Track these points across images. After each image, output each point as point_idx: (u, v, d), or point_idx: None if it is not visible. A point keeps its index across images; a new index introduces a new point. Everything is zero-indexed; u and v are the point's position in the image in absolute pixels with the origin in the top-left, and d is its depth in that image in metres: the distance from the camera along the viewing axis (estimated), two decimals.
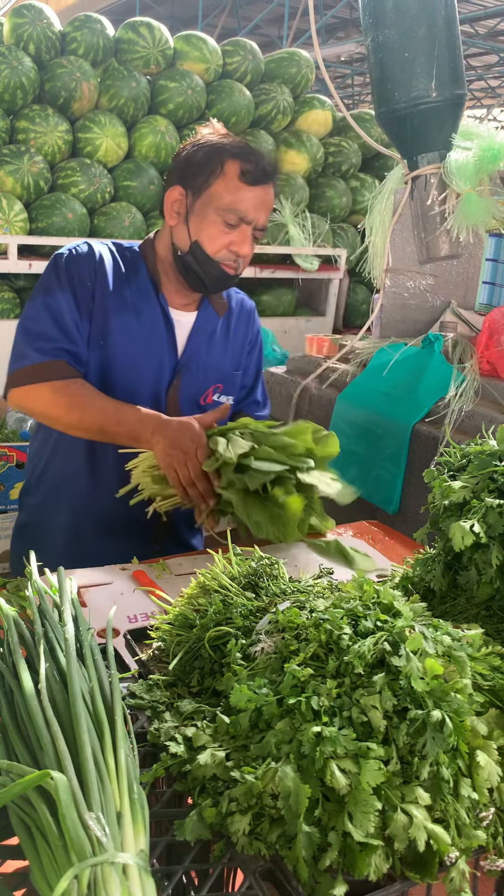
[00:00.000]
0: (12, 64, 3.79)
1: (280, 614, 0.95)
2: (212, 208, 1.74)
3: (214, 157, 1.74)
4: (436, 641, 0.86)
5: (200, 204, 1.75)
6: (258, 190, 1.74)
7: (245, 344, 2.04)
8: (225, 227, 1.75)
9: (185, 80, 4.19)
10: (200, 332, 1.91)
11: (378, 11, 2.26)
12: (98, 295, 1.79)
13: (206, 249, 1.76)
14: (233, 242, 1.76)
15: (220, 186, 1.73)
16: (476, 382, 2.48)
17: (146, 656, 1.09)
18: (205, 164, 1.74)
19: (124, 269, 1.85)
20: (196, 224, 1.76)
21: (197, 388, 1.92)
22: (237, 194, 1.73)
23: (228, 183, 1.73)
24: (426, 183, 2.38)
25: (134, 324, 1.82)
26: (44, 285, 1.80)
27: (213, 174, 1.74)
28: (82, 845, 0.68)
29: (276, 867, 0.75)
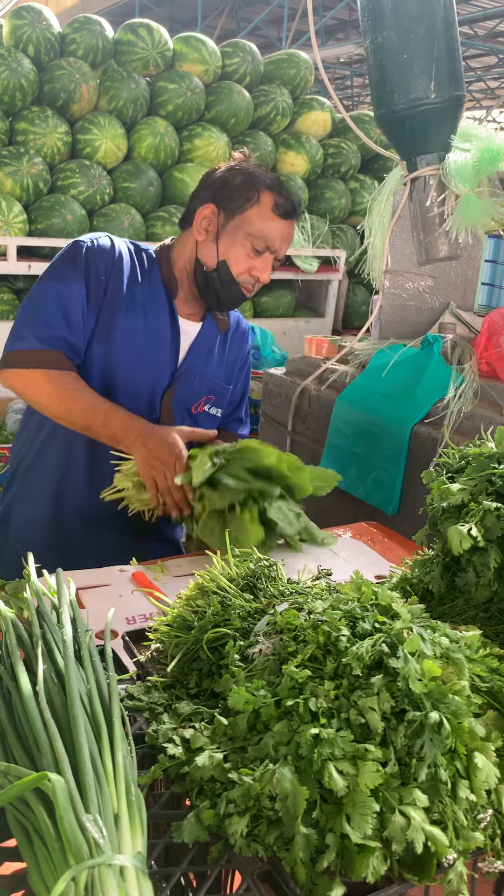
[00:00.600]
0: (11, 66, 3.79)
1: (278, 616, 0.95)
2: (242, 232, 1.82)
3: (252, 185, 1.82)
4: (434, 643, 0.86)
5: (232, 226, 1.82)
6: (286, 223, 1.85)
7: (238, 361, 2.10)
8: (252, 252, 1.83)
9: (185, 82, 4.20)
10: (203, 343, 1.96)
11: (377, 13, 2.26)
12: (111, 290, 1.82)
13: (231, 270, 1.84)
14: (255, 268, 1.85)
15: (254, 214, 1.82)
16: (475, 384, 2.48)
17: (144, 658, 1.09)
18: (241, 189, 1.82)
19: (139, 271, 1.88)
20: (225, 245, 1.83)
21: (191, 396, 1.96)
22: (268, 224, 1.82)
23: (262, 212, 1.82)
24: (425, 184, 2.38)
25: (141, 324, 1.85)
26: (58, 271, 1.81)
27: (248, 201, 1.81)
28: (80, 847, 0.68)
29: (274, 869, 0.75)
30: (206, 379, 1.98)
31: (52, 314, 1.77)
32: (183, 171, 4.21)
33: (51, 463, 1.91)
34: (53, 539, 1.90)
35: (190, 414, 1.96)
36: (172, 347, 1.90)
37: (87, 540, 1.87)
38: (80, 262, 1.80)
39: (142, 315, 1.85)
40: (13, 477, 2.02)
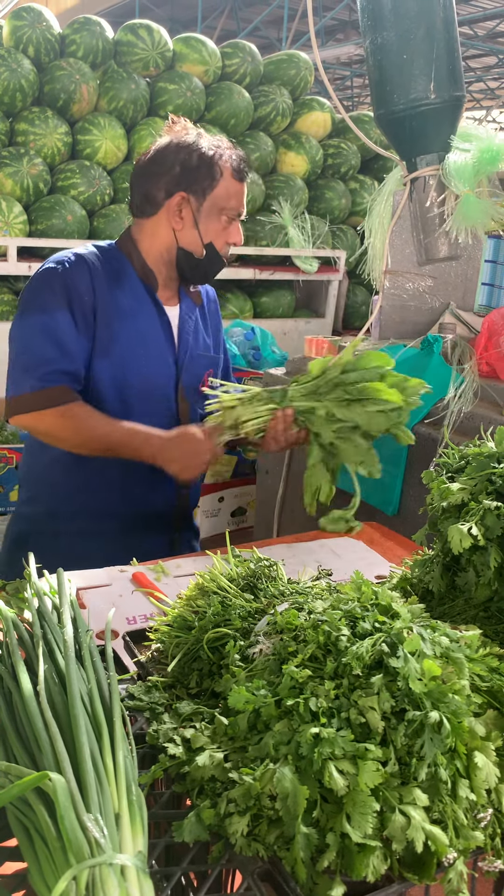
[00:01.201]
0: (11, 66, 3.79)
1: (278, 616, 0.95)
2: (216, 209, 1.84)
3: (211, 161, 1.81)
4: (434, 643, 0.86)
5: (207, 207, 1.83)
6: (244, 184, 1.88)
7: (219, 328, 2.15)
8: (227, 223, 1.87)
9: (185, 82, 4.20)
10: (186, 324, 1.98)
11: (376, 13, 2.26)
12: (99, 306, 1.80)
13: (216, 245, 1.87)
14: (231, 235, 1.88)
15: (222, 188, 1.83)
16: (475, 384, 2.48)
17: (145, 658, 1.10)
18: (202, 168, 1.81)
19: (114, 273, 1.86)
20: (205, 226, 1.85)
21: (195, 376, 1.99)
22: (232, 192, 1.84)
23: (227, 183, 1.83)
24: (425, 185, 2.38)
25: (134, 327, 1.85)
26: (38, 302, 1.78)
27: (213, 179, 1.82)
28: (80, 847, 0.68)
29: (275, 868, 0.75)
30: (201, 356, 2.02)
31: (45, 349, 1.75)
32: None
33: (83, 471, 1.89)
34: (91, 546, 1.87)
35: (197, 393, 1.99)
36: (167, 337, 1.93)
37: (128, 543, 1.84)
38: (58, 288, 1.77)
39: (132, 317, 1.85)
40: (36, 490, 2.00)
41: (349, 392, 1.73)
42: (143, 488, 1.90)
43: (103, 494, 1.90)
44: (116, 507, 1.91)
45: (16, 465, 3.32)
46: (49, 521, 1.95)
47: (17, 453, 3.30)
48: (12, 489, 3.34)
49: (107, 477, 1.87)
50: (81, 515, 1.91)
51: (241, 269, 4.31)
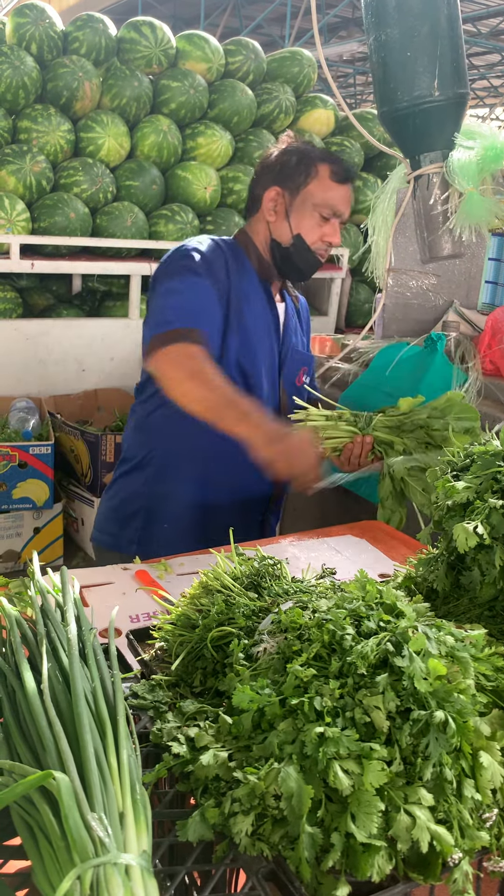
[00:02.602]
0: (14, 64, 3.79)
1: (283, 614, 0.95)
2: (309, 205, 1.97)
3: (308, 161, 1.98)
4: (439, 642, 0.86)
5: (299, 201, 1.98)
6: (345, 187, 2.00)
7: (310, 333, 2.31)
8: (321, 220, 1.98)
9: (188, 80, 4.19)
10: (289, 321, 2.13)
11: (380, 10, 2.26)
12: (232, 287, 1.95)
13: (306, 240, 1.98)
14: (326, 234, 2.00)
15: (315, 186, 1.97)
16: (479, 382, 2.48)
17: (148, 656, 1.09)
18: (299, 167, 1.98)
19: (237, 261, 2.02)
20: (297, 219, 1.98)
21: (293, 371, 2.14)
22: (330, 192, 1.98)
23: (322, 182, 1.98)
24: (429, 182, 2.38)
25: (254, 313, 2.00)
26: (186, 268, 1.89)
27: (308, 175, 1.97)
28: (85, 846, 0.67)
29: (279, 868, 0.75)
30: (299, 352, 2.16)
31: (183, 304, 1.84)
32: (186, 169, 4.21)
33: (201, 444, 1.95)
34: (197, 515, 2.02)
35: (294, 387, 2.13)
36: (276, 329, 2.07)
37: (227, 516, 1.94)
38: (203, 261, 1.91)
39: (252, 304, 1.99)
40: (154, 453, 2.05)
41: (432, 437, 1.85)
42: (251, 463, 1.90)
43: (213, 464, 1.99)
44: (223, 477, 2.00)
45: (18, 463, 3.32)
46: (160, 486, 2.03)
47: (19, 451, 3.30)
48: (14, 487, 3.34)
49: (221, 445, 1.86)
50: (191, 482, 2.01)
51: None
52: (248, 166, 4.43)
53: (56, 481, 3.50)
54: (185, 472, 2.01)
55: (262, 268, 2.05)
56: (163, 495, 2.03)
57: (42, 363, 3.85)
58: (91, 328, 3.98)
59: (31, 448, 3.32)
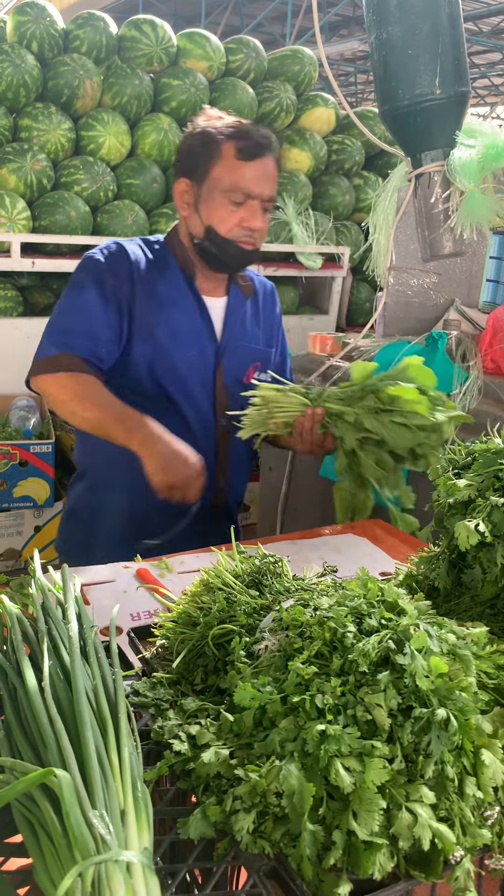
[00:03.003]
0: (15, 62, 3.78)
1: (284, 612, 0.95)
2: (217, 191, 1.82)
3: (210, 143, 1.83)
4: (440, 640, 0.86)
5: (206, 190, 1.84)
6: (256, 164, 1.82)
7: (273, 323, 2.14)
8: (232, 206, 1.82)
9: (188, 78, 4.19)
10: (234, 315, 2.00)
11: (381, 8, 2.25)
12: (139, 293, 1.86)
13: (219, 231, 1.84)
14: (243, 219, 1.83)
15: (220, 169, 1.81)
16: (480, 380, 2.48)
17: (150, 654, 1.09)
18: (202, 151, 1.83)
19: (156, 264, 1.93)
20: (206, 209, 1.85)
21: (239, 368, 2.01)
22: (237, 172, 1.80)
23: (227, 164, 1.81)
24: (430, 181, 2.37)
25: (173, 316, 1.90)
26: (76, 283, 1.86)
27: (211, 159, 1.82)
28: (86, 843, 0.67)
29: (281, 866, 0.75)
30: (248, 347, 2.02)
31: (70, 321, 1.82)
32: None
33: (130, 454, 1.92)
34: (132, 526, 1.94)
35: (242, 385, 1.99)
36: (207, 327, 1.95)
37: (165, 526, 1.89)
38: (94, 273, 1.85)
39: (171, 306, 1.90)
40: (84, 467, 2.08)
41: (382, 400, 1.70)
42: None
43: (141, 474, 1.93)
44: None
45: (19, 462, 3.32)
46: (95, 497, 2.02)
47: (20, 449, 3.30)
48: (15, 485, 3.34)
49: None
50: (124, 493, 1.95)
51: None
52: None
53: (57, 480, 3.50)
54: (118, 481, 1.94)
55: (187, 265, 1.94)
56: (98, 505, 2.00)
57: None
58: None
59: (31, 446, 3.32)
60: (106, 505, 1.98)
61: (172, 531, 1.83)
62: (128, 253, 1.90)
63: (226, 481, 2.04)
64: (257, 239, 1.88)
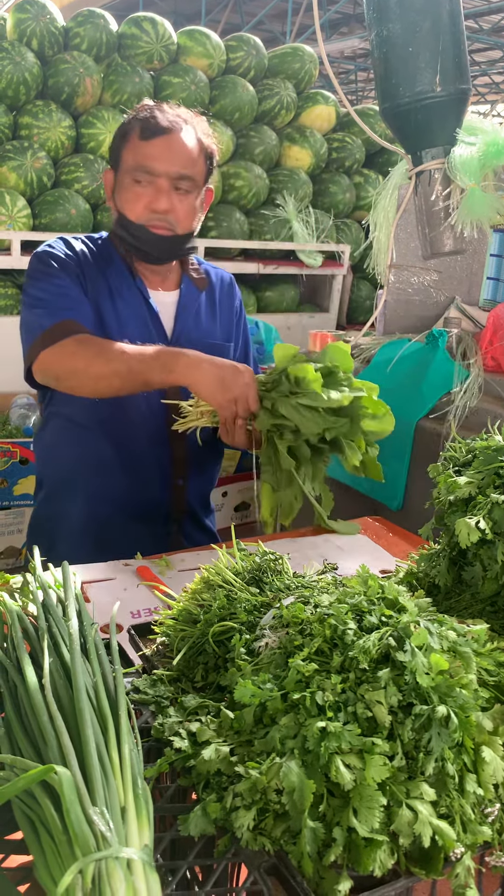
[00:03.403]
0: (15, 59, 3.78)
1: (284, 609, 0.95)
2: (125, 175, 1.78)
3: (122, 129, 1.81)
4: (441, 637, 0.86)
5: (119, 177, 1.81)
6: (158, 141, 1.74)
7: (232, 316, 2.05)
8: (138, 188, 1.76)
9: (189, 76, 4.19)
10: (186, 309, 1.93)
11: (382, 6, 2.25)
12: (88, 285, 1.82)
13: (129, 217, 1.78)
14: (150, 201, 1.76)
15: (127, 152, 1.78)
16: (480, 378, 2.48)
17: (150, 651, 1.09)
18: (118, 138, 1.82)
19: (100, 259, 1.88)
20: (118, 197, 1.82)
21: None
22: (139, 152, 1.75)
23: (131, 145, 1.77)
24: (430, 178, 2.37)
25: (120, 310, 1.84)
26: (36, 275, 1.82)
27: (123, 145, 1.79)
28: (86, 840, 0.67)
29: (281, 862, 0.75)
30: (202, 342, 1.89)
31: (51, 296, 1.76)
32: None
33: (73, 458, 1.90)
34: (88, 534, 1.89)
35: None
36: (154, 324, 1.88)
37: (122, 532, 1.87)
38: (51, 262, 1.81)
39: (118, 301, 1.84)
40: (42, 477, 2.04)
41: (298, 385, 1.60)
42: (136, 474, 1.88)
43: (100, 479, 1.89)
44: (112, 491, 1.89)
45: (19, 459, 3.32)
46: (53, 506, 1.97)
47: (20, 447, 3.30)
48: (16, 483, 3.35)
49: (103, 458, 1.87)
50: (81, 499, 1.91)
51: (244, 263, 4.30)
52: (250, 162, 4.43)
53: None
54: (73, 489, 1.91)
55: (128, 258, 1.88)
56: (55, 514, 1.95)
57: None
58: None
59: (32, 444, 3.32)
60: (65, 513, 1.93)
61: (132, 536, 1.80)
62: (72, 245, 1.87)
63: (184, 481, 1.97)
64: (173, 223, 1.78)
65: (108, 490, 1.89)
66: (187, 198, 1.79)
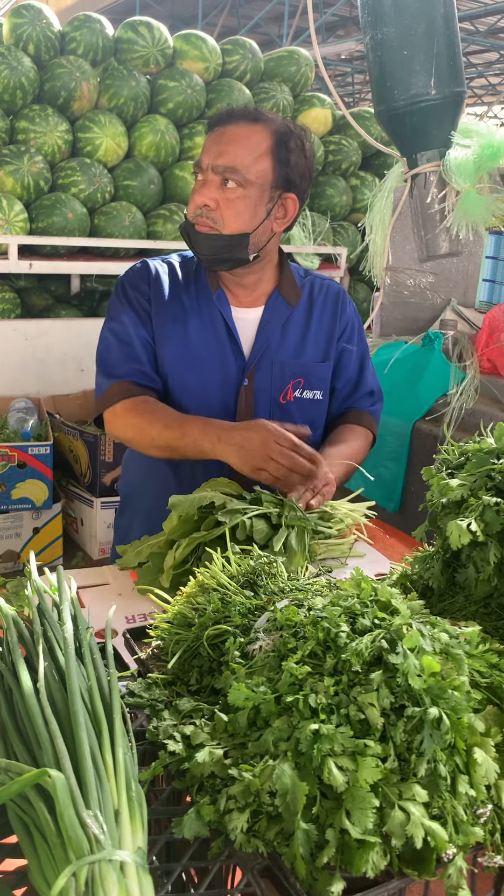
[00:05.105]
0: (12, 64, 3.79)
1: (278, 612, 0.95)
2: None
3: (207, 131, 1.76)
4: (433, 639, 0.86)
5: None
6: (214, 134, 1.68)
7: (335, 331, 1.90)
8: (195, 183, 1.71)
9: (185, 80, 4.19)
10: (269, 327, 1.82)
11: (377, 9, 2.26)
12: (155, 303, 1.80)
13: (189, 218, 1.72)
14: (197, 195, 1.69)
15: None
16: (476, 380, 2.48)
17: (145, 655, 1.10)
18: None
19: (182, 277, 1.85)
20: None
21: (274, 385, 1.82)
22: (204, 146, 1.70)
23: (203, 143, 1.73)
24: (426, 181, 2.38)
25: (194, 328, 1.80)
26: (110, 310, 1.85)
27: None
28: (80, 843, 0.68)
29: (275, 864, 0.75)
30: (287, 362, 1.83)
31: (113, 351, 1.79)
32: (184, 168, 4.21)
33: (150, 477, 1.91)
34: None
35: (278, 405, 1.83)
36: (231, 342, 1.80)
37: None
38: (121, 292, 1.83)
39: (194, 318, 1.80)
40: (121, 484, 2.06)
41: None
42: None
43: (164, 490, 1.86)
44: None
45: (17, 463, 3.32)
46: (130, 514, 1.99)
47: (18, 451, 3.30)
48: (14, 487, 3.35)
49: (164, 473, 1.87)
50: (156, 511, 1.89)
51: None
52: None
53: (55, 481, 3.50)
54: (141, 506, 1.92)
55: (211, 275, 1.82)
56: (125, 527, 1.98)
57: (41, 363, 3.86)
58: (90, 328, 3.98)
59: (30, 448, 3.32)
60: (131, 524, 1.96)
61: None
62: (149, 267, 1.85)
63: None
64: (217, 220, 1.68)
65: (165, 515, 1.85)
66: (235, 193, 1.66)
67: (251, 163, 1.66)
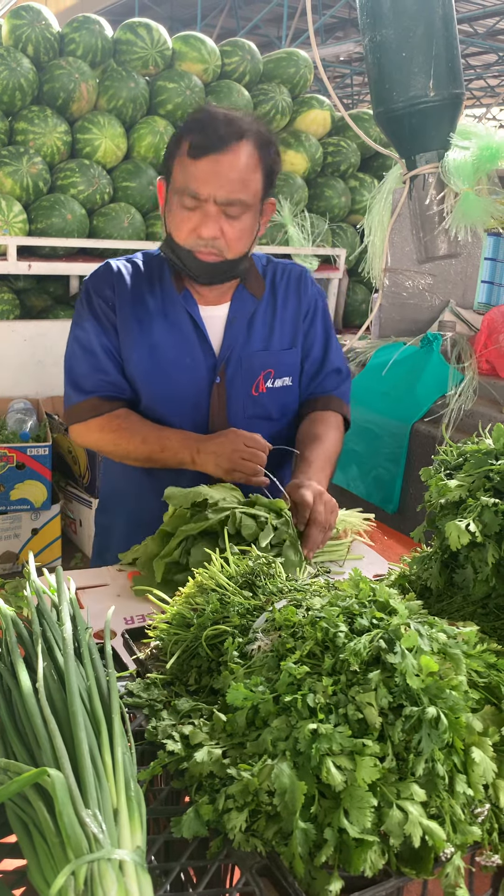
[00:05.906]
0: (11, 65, 3.79)
1: (277, 613, 0.96)
2: (174, 193, 1.64)
3: (176, 137, 1.64)
4: (431, 639, 0.86)
5: (171, 193, 1.67)
6: (206, 161, 1.57)
7: (299, 314, 1.89)
8: (186, 211, 1.62)
9: (184, 81, 4.20)
10: (236, 322, 1.81)
11: (376, 11, 2.26)
12: (119, 308, 1.77)
13: (176, 239, 1.67)
14: (196, 226, 1.62)
15: (178, 168, 1.62)
16: (475, 381, 2.49)
17: (144, 655, 1.10)
18: (171, 147, 1.66)
19: (147, 278, 1.81)
20: (168, 214, 1.69)
21: (244, 379, 1.82)
22: (187, 172, 1.59)
23: (181, 162, 1.61)
24: (424, 182, 2.38)
25: (160, 331, 1.78)
26: (75, 316, 1.84)
27: (173, 157, 1.64)
28: (79, 842, 0.68)
29: (273, 863, 0.75)
30: (255, 355, 1.82)
31: (80, 363, 1.80)
32: None
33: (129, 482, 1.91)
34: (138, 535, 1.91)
35: (251, 398, 1.83)
36: (200, 341, 1.78)
37: None
38: (85, 298, 1.82)
39: (160, 319, 1.78)
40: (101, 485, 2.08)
41: None
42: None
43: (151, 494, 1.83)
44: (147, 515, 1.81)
45: (16, 464, 3.32)
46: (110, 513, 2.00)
47: (17, 452, 3.30)
48: (12, 488, 3.35)
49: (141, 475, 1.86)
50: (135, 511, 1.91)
51: None
52: None
53: (54, 482, 3.50)
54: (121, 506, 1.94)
55: (177, 275, 1.79)
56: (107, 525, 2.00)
57: (40, 364, 3.86)
58: None
59: (28, 449, 3.32)
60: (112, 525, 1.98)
61: None
62: (112, 269, 1.81)
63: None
64: (222, 249, 1.65)
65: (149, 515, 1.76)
66: (238, 221, 1.64)
67: (248, 186, 1.63)
